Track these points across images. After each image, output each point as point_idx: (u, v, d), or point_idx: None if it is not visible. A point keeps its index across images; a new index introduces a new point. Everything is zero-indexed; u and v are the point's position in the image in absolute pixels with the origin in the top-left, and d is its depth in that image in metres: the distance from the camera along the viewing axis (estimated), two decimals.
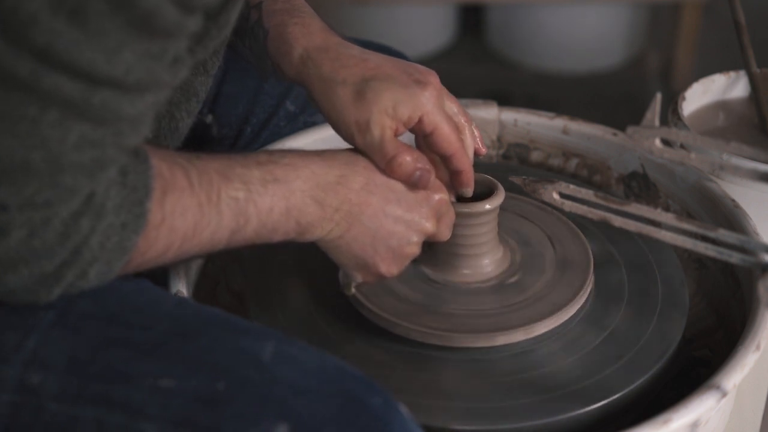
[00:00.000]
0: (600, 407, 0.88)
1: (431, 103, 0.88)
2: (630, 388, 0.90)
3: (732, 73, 1.29)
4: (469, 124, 0.94)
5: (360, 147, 0.88)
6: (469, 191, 0.93)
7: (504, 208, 0.98)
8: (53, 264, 0.70)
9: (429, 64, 0.96)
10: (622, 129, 1.14)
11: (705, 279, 1.12)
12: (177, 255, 0.78)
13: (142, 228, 0.73)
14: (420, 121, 0.88)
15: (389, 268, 0.89)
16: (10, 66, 0.63)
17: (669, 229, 0.94)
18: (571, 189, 0.95)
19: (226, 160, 0.80)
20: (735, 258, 0.88)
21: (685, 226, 0.90)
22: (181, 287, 0.96)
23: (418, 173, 0.87)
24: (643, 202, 1.17)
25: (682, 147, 1.08)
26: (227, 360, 0.75)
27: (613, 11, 2.52)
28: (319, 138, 1.16)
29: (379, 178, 0.87)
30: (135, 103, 0.69)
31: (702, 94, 1.28)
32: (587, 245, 1.02)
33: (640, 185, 1.18)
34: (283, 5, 0.97)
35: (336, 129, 0.90)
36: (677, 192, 1.14)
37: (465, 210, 0.94)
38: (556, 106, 1.68)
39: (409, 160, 0.86)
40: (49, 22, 0.63)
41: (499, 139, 1.25)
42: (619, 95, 2.50)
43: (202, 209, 0.77)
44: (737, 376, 0.87)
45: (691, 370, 1.03)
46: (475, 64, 2.63)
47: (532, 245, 1.02)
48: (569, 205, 0.96)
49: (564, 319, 0.95)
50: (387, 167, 0.87)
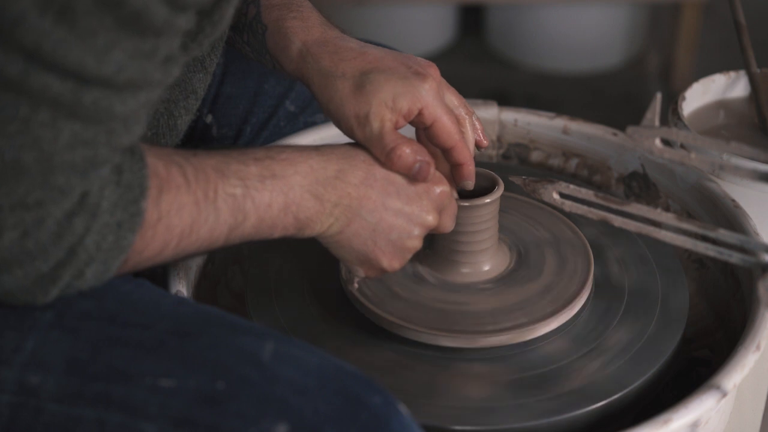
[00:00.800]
0: (600, 407, 0.88)
1: (431, 96, 0.87)
2: (630, 388, 0.90)
3: (732, 73, 1.29)
4: (470, 115, 0.94)
5: (360, 140, 0.88)
6: (471, 184, 0.92)
7: (504, 208, 0.98)
8: (48, 264, 0.70)
9: None
10: (622, 129, 1.14)
11: (705, 279, 1.12)
12: (175, 253, 0.78)
13: (137, 227, 0.73)
14: (420, 114, 0.87)
15: (391, 262, 0.89)
16: None
17: (669, 229, 0.94)
18: (571, 189, 0.95)
19: (222, 156, 0.80)
20: (735, 258, 0.88)
21: (685, 226, 0.90)
22: (181, 287, 0.96)
23: (417, 165, 0.86)
24: (643, 202, 1.17)
25: (682, 147, 1.08)
26: (227, 359, 0.75)
27: (613, 11, 2.52)
28: (319, 138, 1.16)
29: (379, 171, 0.86)
30: (127, 102, 0.69)
31: (702, 94, 1.28)
32: (587, 245, 1.02)
33: (640, 185, 1.18)
34: (281, 0, 0.97)
35: (336, 123, 0.90)
36: (677, 192, 1.14)
37: (465, 205, 0.94)
38: (556, 106, 1.68)
39: (409, 152, 0.86)
40: (37, 21, 0.63)
41: (499, 139, 1.25)
42: (619, 95, 2.50)
43: (198, 206, 0.77)
44: (737, 376, 0.87)
45: (691, 370, 1.03)
46: (475, 64, 2.63)
47: (532, 245, 1.02)
48: (569, 205, 0.96)
49: (564, 320, 0.95)
50: (386, 159, 0.86)
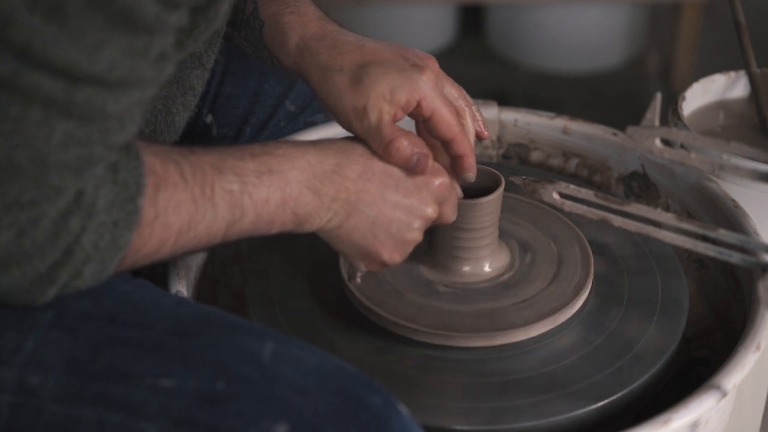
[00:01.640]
0: (600, 407, 0.88)
1: (429, 87, 0.87)
2: (630, 388, 0.90)
3: (732, 73, 1.29)
4: (470, 107, 0.93)
5: (358, 133, 0.88)
6: (472, 176, 0.91)
7: (504, 208, 0.98)
8: (45, 264, 0.70)
9: None
10: (622, 129, 1.14)
11: (705, 279, 1.12)
12: (173, 250, 0.78)
13: (134, 225, 0.73)
14: (418, 106, 0.87)
15: (392, 255, 0.88)
16: None
17: (669, 229, 0.94)
18: (571, 189, 0.95)
19: (219, 153, 0.80)
20: (735, 258, 0.88)
21: (685, 226, 0.90)
22: (181, 287, 0.96)
23: (415, 157, 0.86)
24: (643, 202, 1.17)
25: (682, 147, 1.08)
26: (227, 359, 0.75)
27: (613, 11, 2.52)
28: (319, 138, 1.16)
29: (377, 164, 0.86)
30: (120, 100, 0.69)
31: (702, 94, 1.28)
32: (587, 245, 1.02)
33: (640, 185, 1.18)
34: None
35: (335, 116, 0.90)
36: (677, 192, 1.14)
37: (466, 202, 0.94)
38: (556, 106, 1.68)
39: (406, 144, 0.85)
40: (26, 20, 0.63)
41: (499, 139, 1.25)
42: (619, 95, 2.50)
43: (196, 203, 0.77)
44: (737, 376, 0.87)
45: (691, 370, 1.03)
46: (475, 64, 2.63)
47: (532, 245, 1.02)
48: (569, 205, 0.96)
49: (564, 319, 0.95)
50: (384, 152, 0.86)
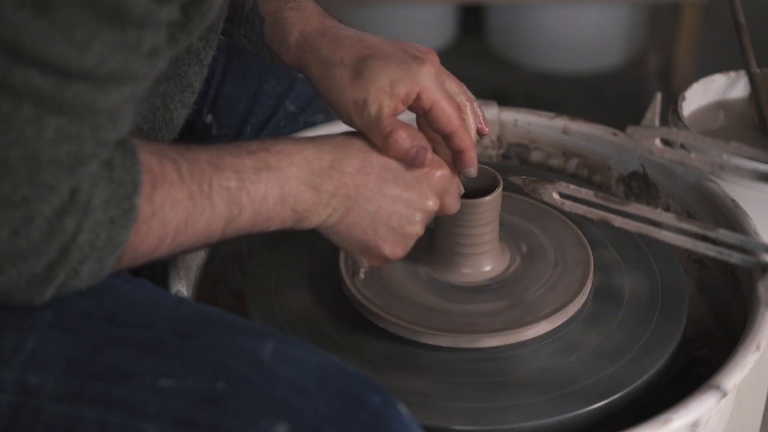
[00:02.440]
0: (600, 407, 0.88)
1: (429, 79, 0.87)
2: (630, 388, 0.90)
3: (732, 73, 1.29)
4: (471, 102, 0.93)
5: (358, 127, 0.88)
6: (473, 171, 0.91)
7: (504, 208, 0.98)
8: (41, 264, 0.70)
9: None
10: (622, 129, 1.14)
11: (705, 279, 1.12)
12: (171, 248, 0.78)
13: (131, 223, 0.73)
14: (418, 98, 0.87)
15: (393, 249, 0.88)
16: None
17: (669, 229, 0.94)
18: (571, 189, 0.95)
19: (217, 150, 0.80)
20: (735, 258, 0.88)
21: (685, 226, 0.90)
22: (181, 287, 0.96)
23: (414, 150, 0.85)
24: (643, 202, 1.17)
25: (682, 147, 1.08)
26: (227, 359, 0.75)
27: (613, 11, 2.52)
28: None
29: (375, 158, 0.86)
30: (111, 96, 0.69)
31: (702, 94, 1.28)
32: (587, 245, 1.02)
33: (640, 185, 1.18)
34: None
35: (336, 111, 0.90)
36: (677, 192, 1.14)
37: (466, 202, 0.94)
38: (556, 106, 1.68)
39: (405, 136, 0.85)
40: (14, 16, 0.63)
41: (499, 139, 1.25)
42: (619, 95, 2.50)
43: (193, 201, 0.77)
44: (737, 376, 0.87)
45: (691, 370, 1.03)
46: (475, 64, 2.63)
47: (531, 245, 1.02)
48: (569, 205, 0.96)
49: (564, 319, 0.95)
50: (383, 144, 0.86)
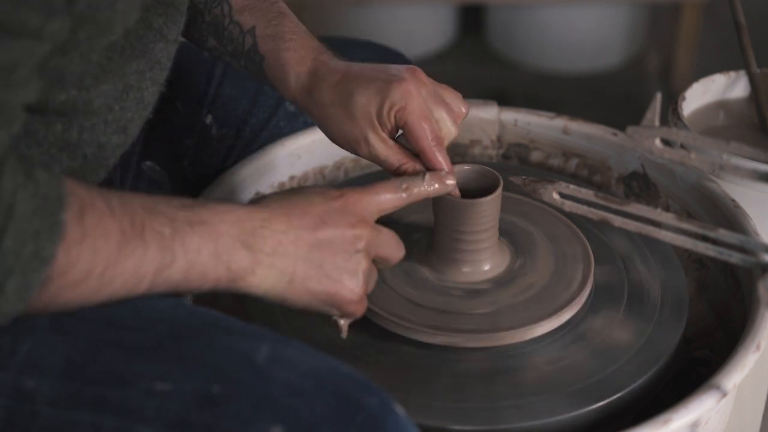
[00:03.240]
0: (600, 407, 0.88)
1: (404, 99, 0.90)
2: (630, 388, 0.90)
3: (732, 73, 1.29)
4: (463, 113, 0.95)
5: (366, 158, 0.93)
6: (449, 186, 0.92)
7: (504, 208, 0.98)
8: None
9: (429, 64, 0.96)
10: (622, 129, 1.14)
11: (705, 279, 1.12)
12: (99, 284, 0.74)
13: (57, 238, 0.71)
14: (399, 117, 0.91)
15: (351, 288, 0.85)
16: None
17: (669, 229, 0.94)
18: (571, 189, 0.95)
19: (149, 197, 0.78)
20: (735, 258, 0.88)
21: (685, 226, 0.90)
22: None
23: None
24: (643, 202, 1.17)
25: (682, 147, 1.08)
26: (223, 362, 0.75)
27: (613, 11, 2.52)
28: (319, 138, 1.16)
29: (296, 210, 0.84)
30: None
31: (702, 94, 1.28)
32: (587, 245, 1.02)
33: (640, 185, 1.18)
34: (275, 29, 0.98)
35: (340, 146, 0.95)
36: (677, 192, 1.14)
37: (465, 203, 0.94)
38: (556, 106, 1.68)
39: (410, 168, 0.91)
40: None
41: (499, 139, 1.25)
42: (619, 95, 2.50)
43: (125, 236, 0.74)
44: (737, 376, 0.87)
45: (691, 370, 1.03)
46: (475, 64, 2.63)
47: (531, 245, 1.02)
48: (569, 205, 0.96)
49: (564, 320, 0.95)
50: (395, 174, 0.91)
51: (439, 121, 0.92)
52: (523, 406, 0.88)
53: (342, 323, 0.88)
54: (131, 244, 0.75)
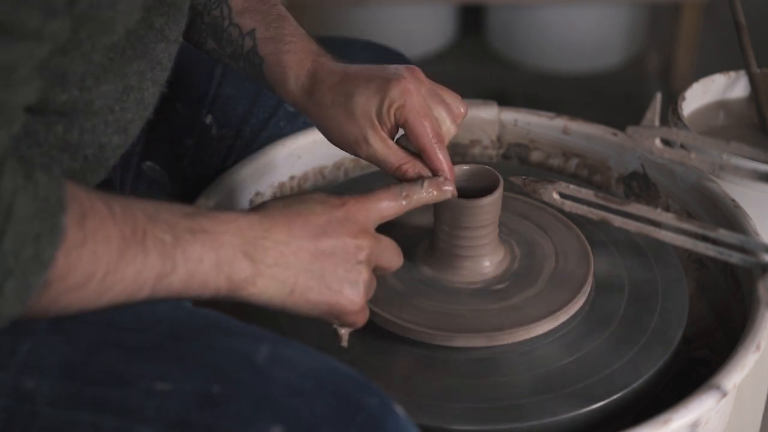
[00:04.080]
0: (600, 407, 0.88)
1: (403, 97, 0.90)
2: (630, 388, 0.90)
3: (732, 73, 1.29)
4: (463, 114, 0.95)
5: (365, 159, 0.93)
6: (447, 191, 0.92)
7: (504, 208, 0.98)
8: None
9: (429, 64, 0.96)
10: (622, 129, 1.14)
11: (705, 279, 1.12)
12: (99, 290, 0.74)
13: (58, 241, 0.70)
14: (399, 115, 0.91)
15: (352, 299, 0.84)
16: None
17: (669, 229, 0.94)
18: (571, 189, 0.95)
19: (151, 203, 0.77)
20: (735, 258, 0.88)
21: (685, 226, 0.90)
22: None
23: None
24: (643, 202, 1.17)
25: (682, 147, 1.08)
26: (222, 362, 0.75)
27: (613, 11, 2.52)
28: (319, 138, 1.15)
29: (297, 219, 0.83)
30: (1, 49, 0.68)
31: (702, 94, 1.28)
32: (587, 245, 1.02)
33: (640, 185, 1.18)
34: (275, 32, 0.98)
35: (340, 147, 0.95)
36: (677, 192, 1.14)
37: (466, 203, 0.94)
38: (556, 106, 1.68)
39: (409, 168, 0.90)
40: None
41: (499, 139, 1.25)
42: (619, 95, 2.50)
43: (126, 242, 0.74)
44: (737, 376, 0.87)
45: (691, 370, 1.03)
46: (475, 64, 2.63)
47: (532, 245, 1.02)
48: (569, 205, 0.96)
49: (564, 319, 0.95)
50: (395, 174, 0.91)
51: (439, 120, 0.92)
52: (523, 406, 0.88)
53: (342, 332, 0.88)
54: (132, 250, 0.74)
